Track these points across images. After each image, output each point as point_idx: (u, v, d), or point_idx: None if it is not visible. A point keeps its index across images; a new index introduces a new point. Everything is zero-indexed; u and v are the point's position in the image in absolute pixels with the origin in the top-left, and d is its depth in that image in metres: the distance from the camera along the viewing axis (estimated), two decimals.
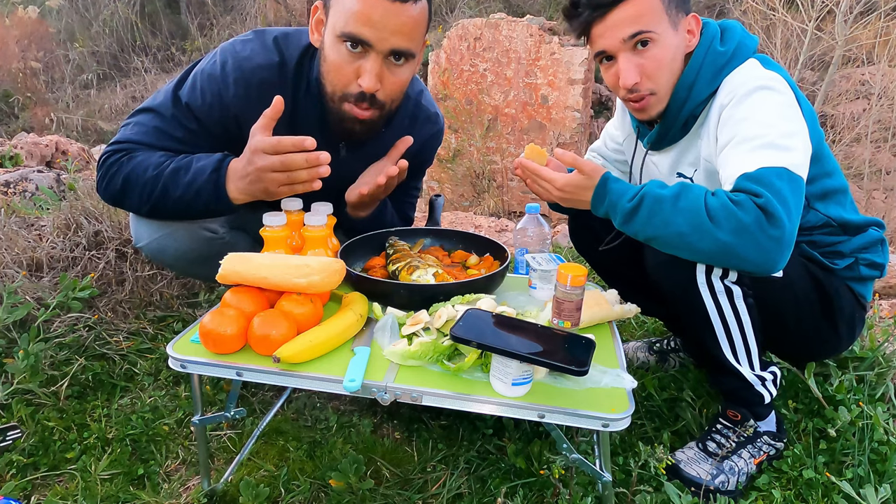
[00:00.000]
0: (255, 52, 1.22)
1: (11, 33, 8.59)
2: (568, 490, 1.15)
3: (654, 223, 1.03)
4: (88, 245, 1.76)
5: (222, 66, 1.21)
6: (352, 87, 1.16)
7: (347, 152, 1.35)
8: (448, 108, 5.47)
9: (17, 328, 1.50)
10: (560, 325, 1.04)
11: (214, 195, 1.16)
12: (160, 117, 1.21)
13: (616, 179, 1.13)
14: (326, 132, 1.26)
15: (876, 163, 5.95)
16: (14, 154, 3.22)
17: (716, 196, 0.99)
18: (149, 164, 1.17)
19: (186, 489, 1.20)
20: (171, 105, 1.22)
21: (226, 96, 1.21)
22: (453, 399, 0.91)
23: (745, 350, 1.17)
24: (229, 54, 1.22)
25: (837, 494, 1.17)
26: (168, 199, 1.18)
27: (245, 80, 1.20)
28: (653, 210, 1.02)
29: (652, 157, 1.33)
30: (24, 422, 1.32)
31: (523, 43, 5.04)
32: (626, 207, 1.06)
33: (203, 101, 1.21)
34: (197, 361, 0.97)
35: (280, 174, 1.09)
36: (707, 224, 0.97)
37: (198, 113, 1.21)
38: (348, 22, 1.09)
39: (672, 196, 1.01)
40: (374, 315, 1.14)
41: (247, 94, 1.19)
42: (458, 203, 5.53)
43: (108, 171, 1.20)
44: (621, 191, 1.09)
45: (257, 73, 1.20)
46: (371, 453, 1.29)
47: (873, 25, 5.44)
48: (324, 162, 1.08)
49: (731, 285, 1.10)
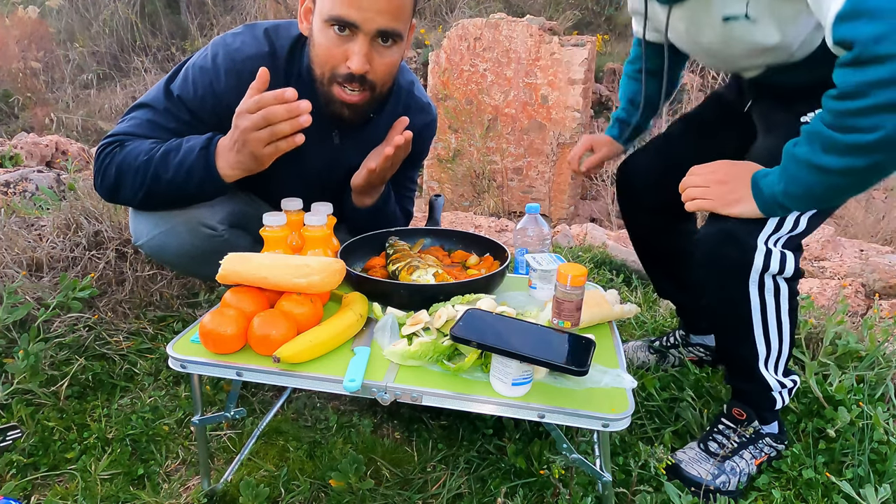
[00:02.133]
0: (246, 44, 1.24)
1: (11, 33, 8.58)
2: (568, 490, 1.15)
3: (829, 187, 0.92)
4: (88, 245, 1.76)
5: (213, 58, 1.23)
6: (340, 69, 1.17)
7: (341, 140, 1.36)
8: (448, 108, 5.47)
9: (17, 328, 1.50)
10: (560, 325, 1.04)
11: (206, 173, 1.16)
12: (153, 111, 1.23)
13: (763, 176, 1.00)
14: (319, 120, 1.27)
15: None
16: (14, 154, 3.22)
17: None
18: (140, 150, 1.18)
19: (186, 489, 1.20)
20: (163, 98, 1.23)
21: (217, 87, 1.22)
22: (453, 399, 0.91)
23: (777, 353, 1.14)
24: (220, 47, 1.24)
25: (837, 494, 1.17)
26: (160, 183, 1.17)
27: (236, 71, 1.21)
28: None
29: (677, 9, 1.12)
30: (24, 422, 1.32)
31: (523, 43, 5.04)
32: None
33: (195, 93, 1.22)
34: (197, 361, 0.97)
35: (263, 131, 1.08)
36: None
37: (190, 105, 1.23)
38: (335, 6, 1.12)
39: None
40: (374, 315, 1.14)
41: (238, 85, 1.19)
42: (458, 203, 5.53)
43: (101, 164, 1.21)
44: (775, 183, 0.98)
45: (248, 64, 1.21)
46: (371, 453, 1.29)
47: None
48: (304, 110, 1.07)
49: (782, 282, 1.06)
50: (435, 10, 8.16)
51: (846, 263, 2.41)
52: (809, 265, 2.47)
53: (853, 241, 2.73)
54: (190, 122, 1.24)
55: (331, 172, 1.40)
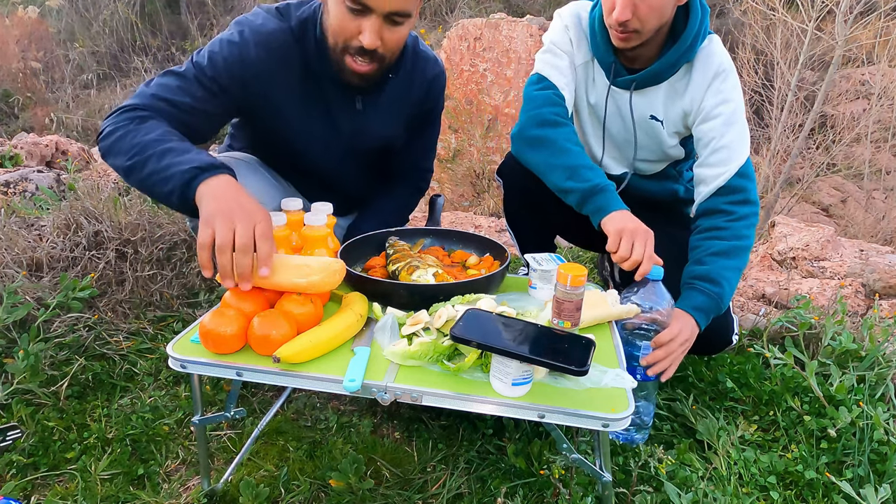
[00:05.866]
0: (268, 20, 1.31)
1: (11, 33, 8.58)
2: (568, 490, 1.15)
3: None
4: (88, 245, 1.76)
5: (240, 34, 1.28)
6: (353, 42, 1.22)
7: (364, 105, 1.42)
8: (448, 108, 5.47)
9: (17, 328, 1.50)
10: (560, 325, 1.04)
11: (182, 191, 1.06)
12: (182, 78, 1.25)
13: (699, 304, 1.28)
14: (341, 88, 1.36)
15: (876, 163, 5.95)
16: (14, 154, 3.22)
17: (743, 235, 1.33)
18: (153, 129, 1.15)
19: (186, 489, 1.20)
20: (192, 68, 1.27)
21: (247, 58, 1.27)
22: (453, 399, 0.91)
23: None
24: (245, 25, 1.30)
25: (837, 494, 1.17)
26: (141, 168, 1.10)
27: (266, 43, 1.28)
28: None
29: (620, 94, 1.46)
30: (24, 422, 1.32)
31: (523, 43, 5.04)
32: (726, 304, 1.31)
33: (224, 62, 1.26)
34: (197, 361, 0.97)
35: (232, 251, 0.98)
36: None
37: (217, 74, 1.26)
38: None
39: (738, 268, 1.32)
40: (374, 315, 1.14)
41: (268, 56, 1.28)
42: (458, 203, 5.53)
43: (116, 125, 1.16)
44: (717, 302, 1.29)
45: (275, 36, 1.29)
46: (371, 453, 1.29)
47: (873, 25, 5.43)
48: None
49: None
50: (435, 10, 8.15)
51: (846, 263, 2.41)
52: (809, 265, 2.47)
53: (853, 241, 2.73)
54: (215, 91, 1.26)
55: (358, 138, 1.46)
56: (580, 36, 1.47)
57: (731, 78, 1.35)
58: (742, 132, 1.35)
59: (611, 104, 1.48)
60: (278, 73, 1.30)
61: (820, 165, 5.57)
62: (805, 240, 2.58)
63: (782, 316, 1.70)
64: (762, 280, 2.27)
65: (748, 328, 1.77)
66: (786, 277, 2.29)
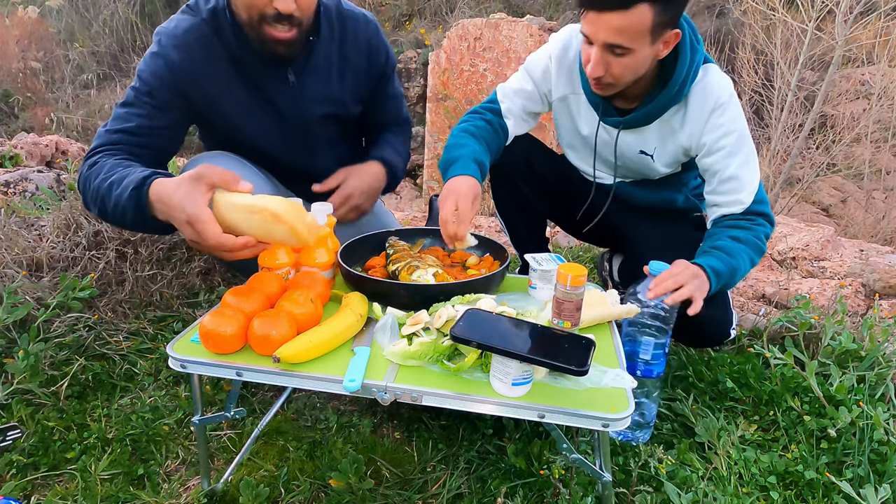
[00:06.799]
0: (181, 21, 1.34)
1: (11, 33, 8.58)
2: (568, 490, 1.15)
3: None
4: (88, 245, 1.76)
5: (158, 43, 1.32)
6: (268, 10, 1.22)
7: (297, 77, 1.41)
8: (448, 108, 5.47)
9: (17, 328, 1.50)
10: (560, 325, 1.04)
11: (137, 214, 1.11)
12: (127, 105, 1.33)
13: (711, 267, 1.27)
14: (268, 66, 1.36)
15: (876, 163, 5.95)
16: (14, 154, 3.22)
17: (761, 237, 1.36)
18: (99, 173, 1.20)
19: (186, 489, 1.20)
20: (132, 92, 1.32)
21: (171, 63, 1.30)
22: (453, 399, 0.91)
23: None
24: (162, 33, 1.33)
25: (837, 494, 1.17)
26: (107, 212, 1.18)
27: (184, 44, 1.31)
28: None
29: (610, 129, 1.48)
30: (24, 422, 1.32)
31: (523, 43, 5.04)
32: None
33: (154, 75, 1.30)
34: (197, 361, 0.97)
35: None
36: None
37: (152, 87, 1.30)
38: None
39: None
40: (374, 315, 1.14)
41: (189, 56, 1.31)
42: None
43: (79, 178, 1.26)
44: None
45: (191, 34, 1.31)
46: (371, 453, 1.29)
47: (873, 25, 5.43)
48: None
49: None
50: (435, 10, 8.16)
51: (846, 263, 2.41)
52: (809, 265, 2.47)
53: (853, 241, 2.73)
54: (158, 105, 1.30)
55: (301, 111, 1.45)
56: (561, 70, 1.47)
57: (729, 110, 1.32)
58: (748, 158, 1.34)
59: (602, 135, 1.50)
60: (205, 69, 1.31)
61: (820, 165, 5.58)
62: (805, 240, 2.58)
63: (782, 316, 1.70)
64: (762, 280, 2.27)
65: (748, 328, 1.77)
66: (786, 277, 2.29)
